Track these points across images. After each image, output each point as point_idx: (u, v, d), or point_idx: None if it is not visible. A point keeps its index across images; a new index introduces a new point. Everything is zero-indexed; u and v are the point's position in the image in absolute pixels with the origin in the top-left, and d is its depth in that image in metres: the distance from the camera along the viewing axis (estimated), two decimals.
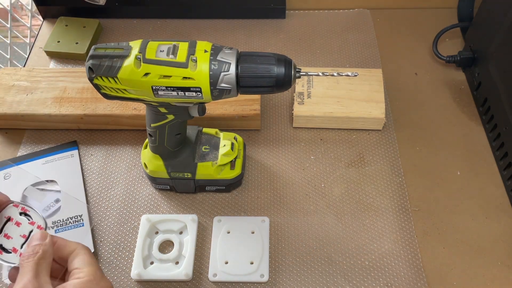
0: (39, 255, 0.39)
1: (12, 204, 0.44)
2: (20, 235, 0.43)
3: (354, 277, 0.55)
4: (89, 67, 0.45)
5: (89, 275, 0.39)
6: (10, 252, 0.42)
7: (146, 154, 0.59)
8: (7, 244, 0.42)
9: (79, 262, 0.40)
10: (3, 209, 0.44)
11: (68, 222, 0.58)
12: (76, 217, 0.59)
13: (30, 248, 0.39)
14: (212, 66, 0.44)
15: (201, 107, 0.51)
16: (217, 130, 0.62)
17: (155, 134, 0.54)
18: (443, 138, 0.67)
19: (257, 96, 0.67)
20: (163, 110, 0.50)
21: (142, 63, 0.44)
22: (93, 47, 0.46)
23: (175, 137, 0.55)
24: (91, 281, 0.39)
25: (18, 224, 0.43)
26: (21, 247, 0.42)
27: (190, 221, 0.58)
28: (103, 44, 0.46)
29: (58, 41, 0.79)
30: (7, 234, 0.43)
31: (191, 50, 0.44)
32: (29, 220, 0.44)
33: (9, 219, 0.43)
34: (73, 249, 0.42)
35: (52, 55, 0.80)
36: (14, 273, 0.41)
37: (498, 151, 0.64)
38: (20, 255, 0.42)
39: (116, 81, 0.45)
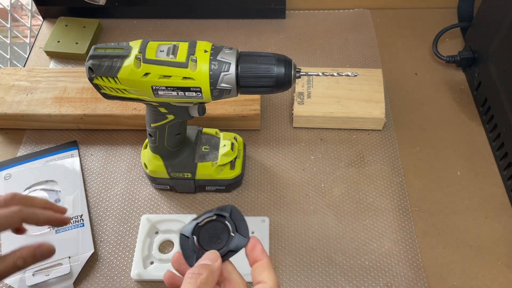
0: (202, 278, 0.36)
1: None
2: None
3: (354, 277, 0.55)
4: (89, 67, 0.45)
5: None
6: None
7: (146, 154, 0.59)
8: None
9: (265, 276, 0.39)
10: None
11: None
12: (76, 217, 0.59)
13: (196, 268, 0.37)
14: (212, 66, 0.44)
15: (201, 107, 0.51)
16: (217, 130, 0.62)
17: (155, 134, 0.54)
18: (443, 138, 0.67)
19: (257, 96, 0.67)
20: (163, 110, 0.50)
21: (142, 63, 0.44)
22: (93, 47, 0.46)
23: (175, 137, 0.55)
24: None
25: None
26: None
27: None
28: (103, 44, 0.46)
29: (58, 41, 0.79)
30: None
31: (191, 50, 0.44)
32: None
33: None
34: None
35: (52, 55, 0.80)
36: (171, 277, 0.39)
37: (498, 151, 0.64)
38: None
39: (116, 81, 0.45)
